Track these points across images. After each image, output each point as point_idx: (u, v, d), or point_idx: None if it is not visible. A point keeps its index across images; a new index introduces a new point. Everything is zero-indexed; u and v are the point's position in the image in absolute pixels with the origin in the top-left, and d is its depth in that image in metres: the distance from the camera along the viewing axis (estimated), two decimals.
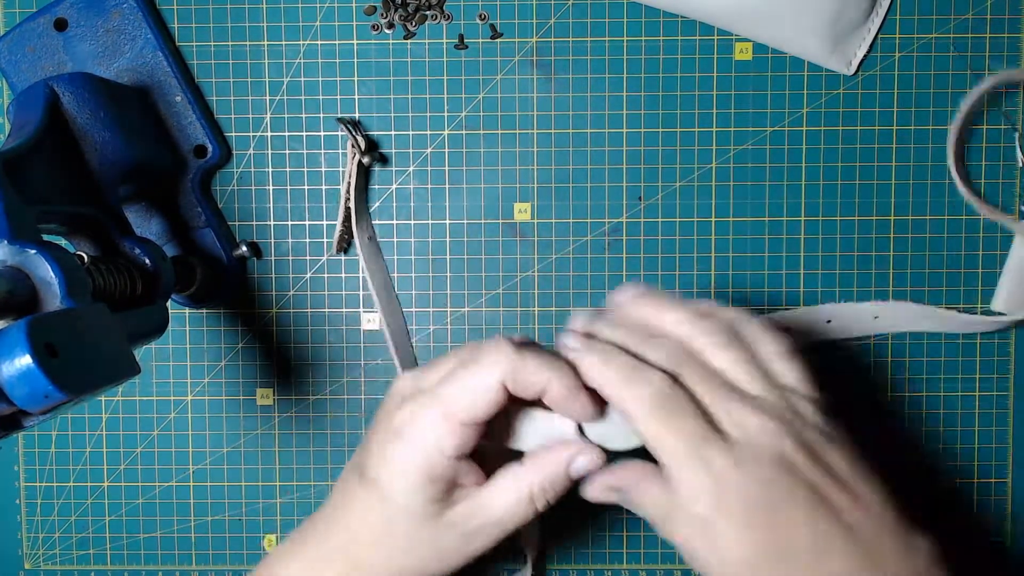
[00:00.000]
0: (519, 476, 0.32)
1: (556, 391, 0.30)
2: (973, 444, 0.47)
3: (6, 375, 0.24)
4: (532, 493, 0.32)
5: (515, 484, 0.32)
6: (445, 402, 0.31)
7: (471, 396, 0.30)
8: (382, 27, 0.45)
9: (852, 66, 0.45)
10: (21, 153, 0.32)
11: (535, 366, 0.30)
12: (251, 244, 0.46)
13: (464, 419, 0.30)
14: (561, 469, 0.32)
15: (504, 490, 0.32)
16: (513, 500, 0.32)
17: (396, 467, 0.31)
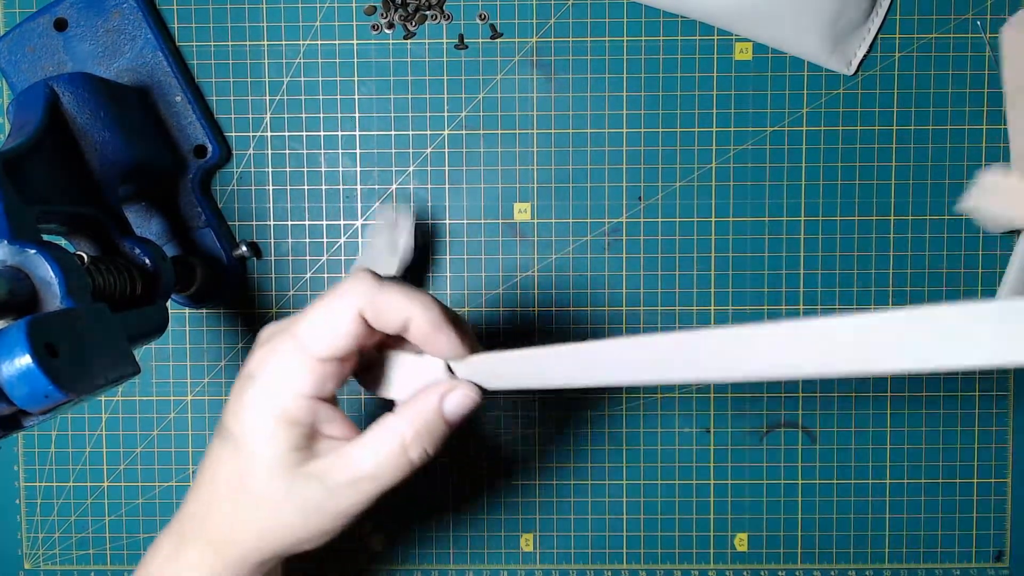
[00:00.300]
0: (389, 424, 0.29)
1: (419, 324, 0.28)
2: (973, 444, 0.47)
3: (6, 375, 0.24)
4: (404, 441, 0.28)
5: (385, 433, 0.28)
6: (299, 336, 0.28)
7: (326, 327, 0.27)
8: (382, 27, 0.45)
9: (852, 66, 0.45)
10: (21, 153, 0.32)
11: (397, 296, 0.28)
12: (251, 244, 0.46)
13: (320, 353, 0.28)
14: (433, 412, 0.29)
15: (374, 440, 0.28)
16: (384, 450, 0.28)
17: (249, 412, 0.28)
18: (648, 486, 0.47)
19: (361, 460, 0.28)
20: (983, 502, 0.47)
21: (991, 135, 0.45)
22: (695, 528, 0.47)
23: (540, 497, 0.47)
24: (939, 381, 0.46)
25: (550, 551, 0.47)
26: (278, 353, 0.28)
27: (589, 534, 0.47)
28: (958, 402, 0.46)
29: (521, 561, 0.47)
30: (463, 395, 0.29)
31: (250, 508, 0.29)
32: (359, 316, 0.28)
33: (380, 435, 0.29)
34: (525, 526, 0.47)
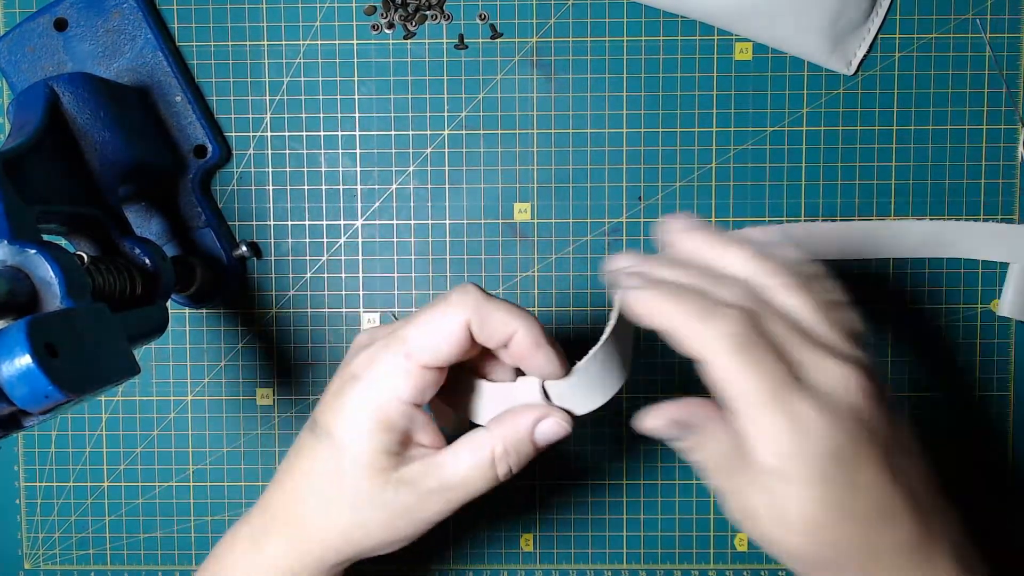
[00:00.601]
0: (480, 438, 0.30)
1: (521, 339, 0.29)
2: (973, 444, 0.47)
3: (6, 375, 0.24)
4: (494, 456, 0.30)
5: (476, 446, 0.30)
6: (407, 342, 0.29)
7: (435, 337, 0.28)
8: (382, 27, 0.45)
9: (852, 66, 0.45)
10: (21, 153, 0.32)
11: (503, 311, 0.29)
12: (251, 244, 0.46)
13: (426, 361, 0.29)
14: (525, 433, 0.30)
15: (464, 451, 0.30)
16: (473, 462, 0.30)
17: (349, 412, 0.29)
18: (648, 486, 0.47)
19: (453, 469, 0.30)
20: (983, 502, 0.47)
21: (991, 135, 0.45)
22: (695, 528, 0.47)
23: (540, 497, 0.47)
24: (939, 381, 0.46)
25: (550, 551, 0.47)
26: (384, 357, 0.29)
27: (589, 534, 0.47)
28: (958, 402, 0.46)
29: (521, 561, 0.47)
30: (555, 423, 0.30)
31: (340, 507, 0.30)
32: (466, 327, 0.28)
33: (472, 447, 0.30)
34: (525, 526, 0.47)
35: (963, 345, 0.46)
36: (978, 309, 0.46)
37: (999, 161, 0.45)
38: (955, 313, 0.46)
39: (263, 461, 0.47)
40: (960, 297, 0.46)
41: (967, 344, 0.46)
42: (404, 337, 0.29)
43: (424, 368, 0.29)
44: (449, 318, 0.29)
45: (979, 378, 0.46)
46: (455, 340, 0.29)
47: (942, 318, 0.46)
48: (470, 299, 0.29)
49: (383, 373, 0.29)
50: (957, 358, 0.46)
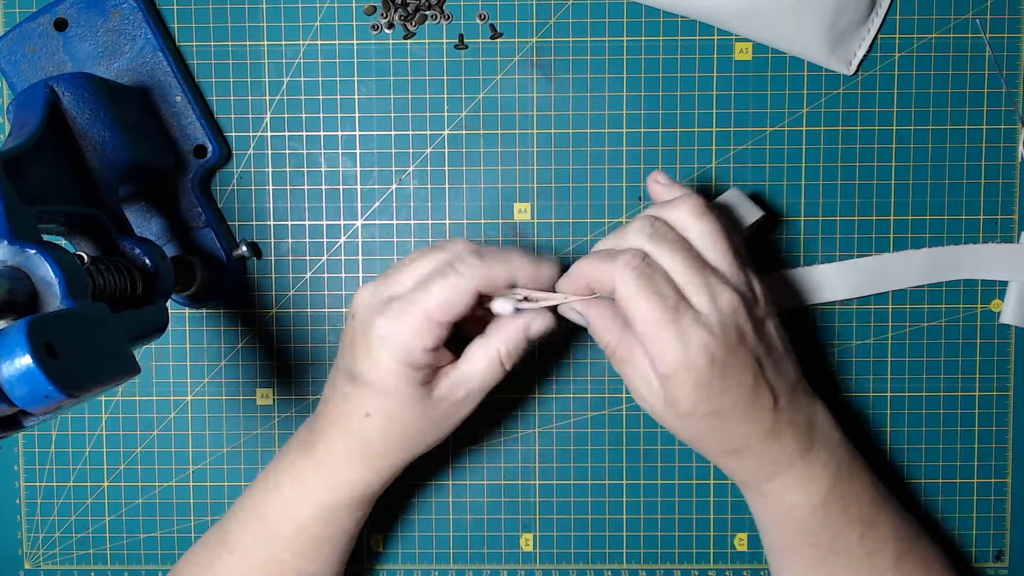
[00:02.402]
0: (487, 344, 0.37)
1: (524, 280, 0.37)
2: (973, 444, 0.47)
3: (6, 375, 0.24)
4: (500, 355, 0.37)
5: (485, 351, 0.37)
6: (427, 308, 0.35)
7: (451, 303, 0.35)
8: (382, 27, 0.45)
9: (852, 66, 0.45)
10: (21, 153, 0.32)
11: (501, 268, 0.36)
12: (251, 244, 0.46)
13: (444, 320, 0.35)
14: (520, 332, 0.37)
15: (478, 359, 0.37)
16: (486, 365, 0.37)
17: (387, 366, 0.36)
18: (648, 486, 0.47)
19: (473, 375, 0.37)
20: (983, 502, 0.47)
21: (991, 135, 0.45)
22: (695, 528, 0.47)
23: (540, 497, 0.47)
24: (939, 381, 0.46)
25: (550, 551, 0.47)
26: (408, 321, 0.35)
27: (589, 534, 0.47)
28: (958, 402, 0.46)
29: (521, 561, 0.47)
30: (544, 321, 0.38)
31: (399, 433, 0.38)
32: (476, 293, 0.35)
33: (483, 353, 0.37)
34: (525, 526, 0.47)
35: (963, 345, 0.46)
36: (978, 309, 0.46)
37: (999, 161, 0.45)
38: (955, 313, 0.46)
39: (263, 461, 0.47)
40: (960, 297, 0.46)
41: (967, 344, 0.46)
42: (424, 304, 0.35)
43: (441, 324, 0.35)
44: (463, 287, 0.35)
45: (979, 378, 0.46)
46: (468, 303, 0.35)
47: (942, 318, 0.46)
48: (476, 270, 0.35)
49: (410, 333, 0.35)
50: (957, 358, 0.46)
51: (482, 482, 0.47)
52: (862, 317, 0.46)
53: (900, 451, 0.47)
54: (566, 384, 0.47)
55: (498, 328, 0.38)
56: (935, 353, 0.46)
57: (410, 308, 0.35)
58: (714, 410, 0.35)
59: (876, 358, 0.46)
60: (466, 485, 0.47)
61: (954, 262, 0.45)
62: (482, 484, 0.47)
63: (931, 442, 0.47)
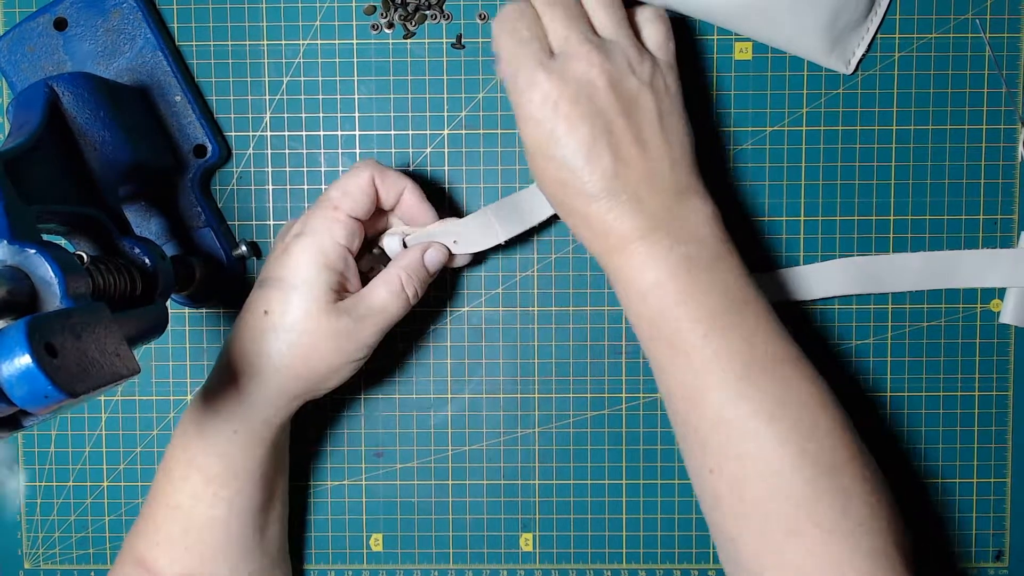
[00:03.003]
0: (388, 272, 0.40)
1: (409, 194, 0.40)
2: (973, 444, 0.47)
3: (6, 375, 0.24)
4: (401, 282, 0.39)
5: (386, 279, 0.39)
6: (333, 199, 0.38)
7: (352, 190, 0.39)
8: (382, 27, 0.45)
9: (851, 65, 0.45)
10: (21, 153, 0.32)
11: (395, 172, 0.40)
12: (251, 244, 0.46)
13: (348, 209, 0.38)
14: (418, 260, 0.40)
15: (379, 283, 0.39)
16: (387, 290, 0.39)
17: (299, 260, 0.38)
18: (648, 486, 0.47)
19: (375, 297, 0.39)
20: (983, 502, 0.47)
21: (991, 135, 0.45)
22: (695, 528, 0.47)
23: (540, 497, 0.47)
24: (939, 381, 0.46)
25: (550, 551, 0.47)
26: (317, 215, 0.38)
27: (589, 534, 0.47)
28: (958, 402, 0.46)
29: (521, 561, 0.47)
30: (439, 251, 0.41)
31: (296, 337, 0.38)
32: (372, 181, 0.39)
33: (384, 280, 0.39)
34: (525, 526, 0.47)
35: (963, 345, 0.46)
36: (978, 309, 0.46)
37: (999, 161, 0.45)
38: (955, 313, 0.46)
39: None
40: (960, 297, 0.46)
41: (967, 344, 0.46)
42: (330, 198, 0.39)
43: (349, 217, 0.38)
44: (358, 175, 0.39)
45: (979, 378, 0.46)
46: (367, 191, 0.39)
47: (942, 318, 0.46)
48: (371, 162, 0.40)
49: (320, 225, 0.38)
50: (957, 358, 0.46)
51: (482, 482, 0.47)
52: (862, 317, 0.46)
53: (900, 451, 0.47)
54: (566, 384, 0.47)
55: (398, 257, 0.41)
56: (935, 353, 0.46)
57: (320, 205, 0.39)
58: (550, 155, 0.36)
59: (876, 358, 0.46)
60: (466, 485, 0.47)
61: (950, 269, 0.45)
62: (482, 484, 0.47)
63: (931, 442, 0.47)
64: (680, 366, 0.37)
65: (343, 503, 0.47)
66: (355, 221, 0.39)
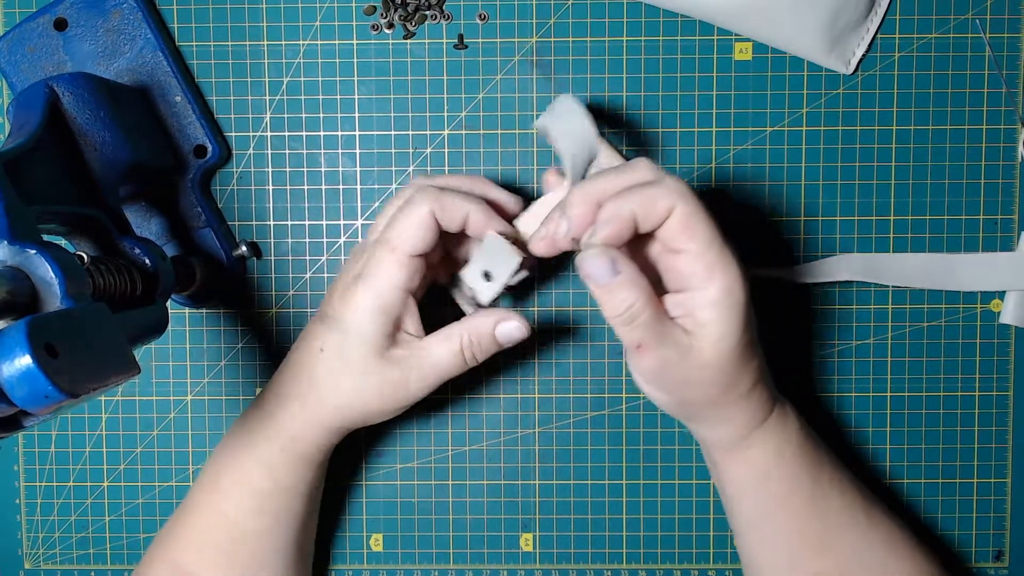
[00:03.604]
0: (452, 330, 0.37)
1: (476, 217, 0.36)
2: (973, 444, 0.47)
3: (6, 375, 0.24)
4: (462, 344, 0.37)
5: (447, 336, 0.37)
6: (391, 241, 0.36)
7: (411, 229, 0.36)
8: (382, 27, 0.45)
9: (851, 65, 0.45)
10: (21, 153, 0.32)
11: (457, 199, 0.36)
12: (251, 244, 0.46)
13: (408, 250, 0.36)
14: (488, 329, 0.37)
15: (440, 339, 0.37)
16: (447, 348, 0.37)
17: (357, 303, 0.37)
18: (648, 486, 0.47)
19: (431, 354, 0.37)
20: (983, 502, 0.47)
21: (991, 135, 0.45)
22: (695, 528, 0.47)
23: (540, 497, 0.47)
24: (939, 381, 0.46)
25: (550, 551, 0.47)
26: (377, 257, 0.36)
27: (589, 534, 0.47)
28: (958, 402, 0.46)
29: (521, 561, 0.47)
30: (514, 327, 0.37)
31: (344, 376, 0.37)
32: (432, 216, 0.36)
33: (445, 337, 0.37)
34: (525, 526, 0.47)
35: (963, 345, 0.46)
36: (978, 309, 0.46)
37: (999, 161, 0.45)
38: (955, 313, 0.46)
39: None
40: (960, 297, 0.46)
41: (967, 344, 0.46)
42: (388, 238, 0.36)
43: (410, 257, 0.36)
44: (417, 212, 0.36)
45: (979, 378, 0.46)
46: (427, 228, 0.36)
47: (942, 318, 0.46)
48: (429, 194, 0.36)
49: (378, 267, 0.36)
50: (957, 358, 0.46)
51: (482, 482, 0.47)
52: (862, 317, 0.46)
53: (900, 451, 0.47)
54: (566, 384, 0.47)
55: (468, 318, 0.38)
56: (935, 353, 0.46)
57: (379, 246, 0.37)
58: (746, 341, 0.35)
59: (876, 358, 0.46)
60: (466, 485, 0.47)
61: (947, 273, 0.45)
62: (482, 484, 0.47)
63: (931, 442, 0.47)
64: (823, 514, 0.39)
65: (343, 503, 0.47)
66: (416, 259, 0.36)
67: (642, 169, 0.34)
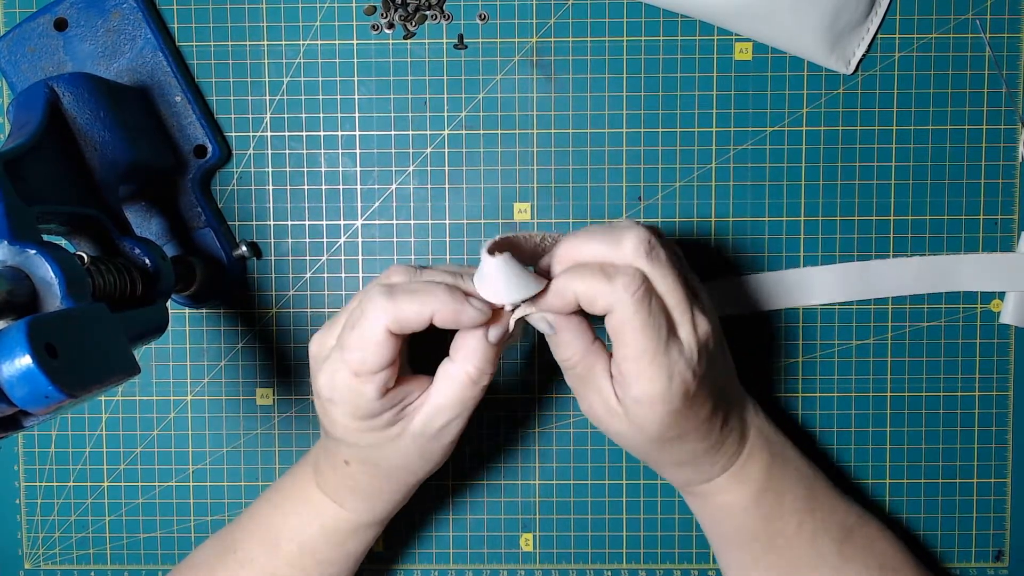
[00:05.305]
0: (451, 370, 0.34)
1: (442, 315, 0.32)
2: (973, 444, 0.47)
3: (6, 375, 0.24)
4: (469, 376, 0.34)
5: (452, 378, 0.34)
6: (349, 363, 0.33)
7: (367, 352, 0.32)
8: (382, 27, 0.45)
9: (851, 65, 0.45)
10: (21, 153, 0.32)
11: (414, 304, 0.32)
12: (251, 244, 0.46)
13: (370, 370, 0.33)
14: (482, 344, 0.34)
15: (446, 387, 0.34)
16: (457, 390, 0.34)
17: (344, 424, 0.35)
18: (648, 486, 0.47)
19: (444, 406, 0.34)
20: (983, 502, 0.47)
21: (991, 135, 0.45)
22: (695, 528, 0.47)
23: (540, 497, 0.47)
24: (939, 381, 0.46)
25: (550, 551, 0.47)
26: (339, 380, 0.33)
27: (589, 534, 0.47)
28: (958, 402, 0.46)
29: (521, 561, 0.47)
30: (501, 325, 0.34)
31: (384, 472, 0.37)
32: (387, 332, 0.32)
33: (449, 380, 0.34)
34: (525, 526, 0.47)
35: (963, 345, 0.46)
36: (978, 309, 0.46)
37: (999, 161, 0.45)
38: (955, 313, 0.46)
39: (263, 461, 0.47)
40: (960, 297, 0.46)
41: (967, 344, 0.46)
42: (346, 359, 0.33)
43: (373, 374, 0.33)
44: (371, 334, 0.32)
45: (979, 378, 0.46)
46: (385, 347, 0.32)
47: (942, 318, 0.46)
48: (379, 310, 0.32)
49: (347, 392, 0.34)
50: (957, 358, 0.46)
51: (482, 482, 0.47)
52: (862, 317, 0.46)
53: (900, 451, 0.47)
54: (566, 384, 0.47)
55: (458, 346, 0.34)
56: (935, 353, 0.46)
57: (338, 366, 0.33)
58: (677, 434, 0.35)
59: (876, 358, 0.46)
60: (466, 485, 0.47)
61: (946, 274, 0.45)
62: (482, 484, 0.47)
63: (931, 442, 0.47)
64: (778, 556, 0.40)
65: None
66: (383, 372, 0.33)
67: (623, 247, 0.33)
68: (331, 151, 0.46)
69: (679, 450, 0.36)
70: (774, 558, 0.40)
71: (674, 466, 0.38)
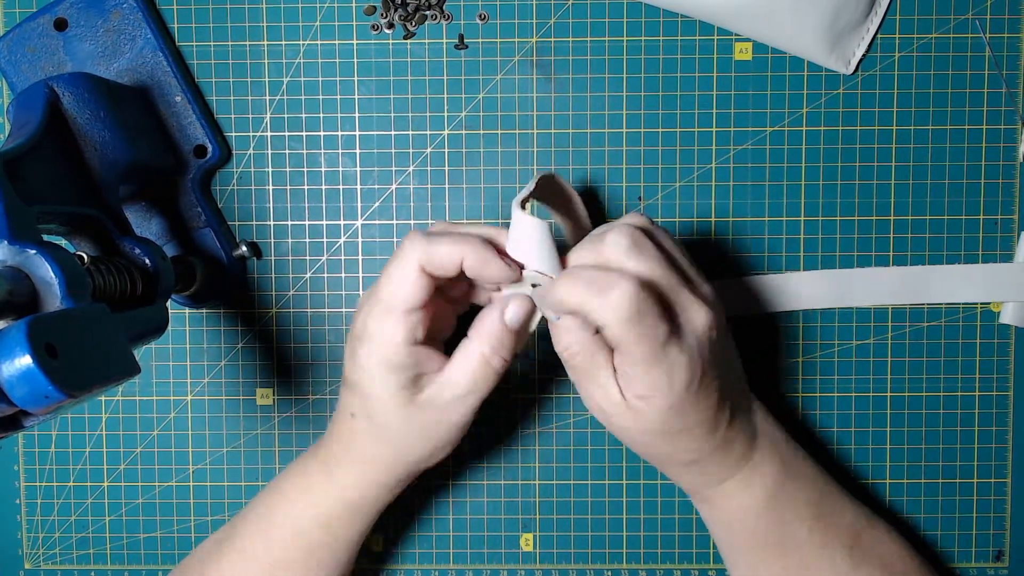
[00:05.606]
0: (468, 347, 0.35)
1: (471, 261, 0.33)
2: (973, 444, 0.47)
3: (6, 375, 0.24)
4: (484, 356, 0.35)
5: (466, 356, 0.35)
6: (382, 298, 0.34)
7: (400, 286, 0.34)
8: (382, 27, 0.45)
9: (851, 65, 0.45)
10: (21, 153, 0.32)
11: (446, 245, 0.33)
12: (251, 244, 0.46)
13: (402, 307, 0.34)
14: (498, 325, 0.35)
15: (461, 363, 0.35)
16: (471, 368, 0.35)
17: (365, 366, 0.35)
18: (648, 486, 0.47)
19: (456, 382, 0.35)
20: (983, 502, 0.47)
21: (991, 135, 0.45)
22: (694, 528, 0.47)
23: (540, 497, 0.47)
24: (939, 381, 0.46)
25: (550, 551, 0.47)
26: (372, 315, 0.35)
27: (589, 534, 0.47)
28: (958, 402, 0.46)
29: (521, 561, 0.47)
30: (519, 305, 0.35)
31: (384, 436, 0.37)
32: (421, 269, 0.34)
33: (464, 358, 0.35)
34: (525, 526, 0.47)
35: (963, 345, 0.46)
36: (978, 309, 0.46)
37: (999, 161, 0.45)
38: (955, 313, 0.46)
39: (263, 461, 0.47)
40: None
41: (967, 344, 0.46)
42: (380, 296, 0.34)
43: (406, 313, 0.34)
44: (405, 267, 0.34)
45: (979, 378, 0.46)
46: (417, 282, 0.34)
47: (942, 318, 0.46)
48: (416, 246, 0.34)
49: (377, 330, 0.34)
50: (957, 358, 0.46)
51: (482, 482, 0.47)
52: (863, 317, 0.46)
53: (900, 451, 0.47)
54: (566, 384, 0.47)
55: (476, 326, 0.35)
56: (935, 353, 0.46)
57: (372, 304, 0.35)
58: (681, 428, 0.35)
59: (876, 358, 0.46)
60: (466, 485, 0.47)
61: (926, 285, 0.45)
62: (482, 484, 0.47)
63: (931, 442, 0.47)
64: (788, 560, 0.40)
65: None
66: (414, 313, 0.34)
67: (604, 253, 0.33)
68: (331, 151, 0.46)
69: (685, 446, 0.36)
70: (785, 563, 0.40)
71: (681, 466, 0.38)
